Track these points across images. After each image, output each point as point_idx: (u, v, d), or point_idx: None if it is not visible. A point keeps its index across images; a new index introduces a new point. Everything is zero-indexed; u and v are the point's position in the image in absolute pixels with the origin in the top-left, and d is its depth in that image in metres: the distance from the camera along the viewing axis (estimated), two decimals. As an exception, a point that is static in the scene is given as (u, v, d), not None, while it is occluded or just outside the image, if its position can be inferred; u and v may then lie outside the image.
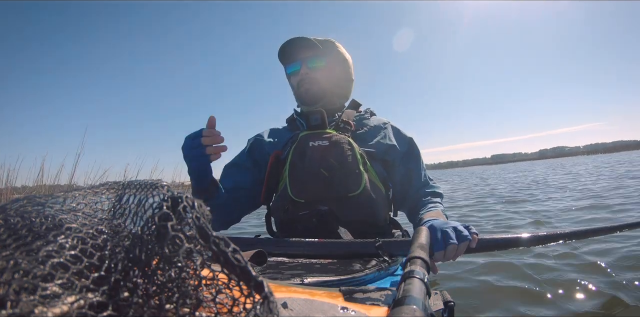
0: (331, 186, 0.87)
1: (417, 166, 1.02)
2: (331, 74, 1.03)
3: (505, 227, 2.78)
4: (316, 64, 1.01)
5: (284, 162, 0.93)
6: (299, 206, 0.89)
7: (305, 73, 1.01)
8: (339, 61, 1.05)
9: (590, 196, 4.15)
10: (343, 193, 0.87)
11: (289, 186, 0.89)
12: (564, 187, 5.66)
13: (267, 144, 1.06)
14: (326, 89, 1.02)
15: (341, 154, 0.88)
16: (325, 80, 1.02)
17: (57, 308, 0.17)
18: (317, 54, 1.01)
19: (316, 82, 1.01)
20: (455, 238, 0.67)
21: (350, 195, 0.87)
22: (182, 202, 0.23)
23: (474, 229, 0.71)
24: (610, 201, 3.58)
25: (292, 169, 0.90)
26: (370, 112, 1.09)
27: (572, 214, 3.04)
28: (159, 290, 0.21)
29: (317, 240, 0.76)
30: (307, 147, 0.90)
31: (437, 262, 0.69)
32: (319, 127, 0.93)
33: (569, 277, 1.50)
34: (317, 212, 0.86)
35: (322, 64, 1.02)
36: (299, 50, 1.01)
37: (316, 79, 1.01)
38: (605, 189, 4.68)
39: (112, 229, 0.25)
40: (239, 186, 1.02)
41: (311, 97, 1.02)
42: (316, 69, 1.01)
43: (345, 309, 0.34)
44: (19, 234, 0.21)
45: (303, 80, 1.02)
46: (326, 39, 1.03)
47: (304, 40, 0.99)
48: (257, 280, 0.22)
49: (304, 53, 1.01)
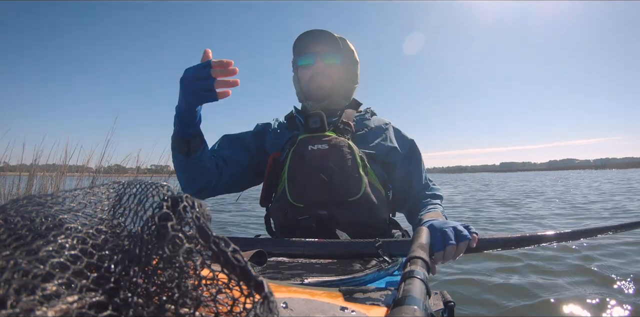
0: (331, 190, 0.86)
1: (417, 168, 1.01)
2: (343, 73, 1.01)
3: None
4: (332, 60, 0.99)
5: (283, 164, 0.92)
6: (298, 211, 0.88)
7: (321, 68, 0.98)
8: (352, 62, 1.04)
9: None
10: (343, 198, 0.86)
11: (287, 191, 0.88)
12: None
13: (269, 140, 1.04)
14: (335, 88, 1.00)
15: (341, 158, 0.87)
16: (337, 78, 1.00)
17: (57, 308, 0.17)
18: (335, 51, 0.99)
19: (329, 79, 0.99)
20: (455, 238, 0.67)
21: (350, 199, 0.86)
22: (182, 202, 0.23)
23: (473, 228, 0.70)
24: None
25: (290, 173, 0.89)
26: (371, 112, 1.07)
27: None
28: (159, 290, 0.21)
29: (317, 240, 0.76)
30: (305, 151, 0.88)
31: (437, 263, 0.69)
32: (318, 130, 0.90)
33: (569, 277, 1.50)
34: (316, 217, 0.85)
35: (337, 62, 1.00)
36: (316, 42, 0.99)
37: (330, 76, 0.99)
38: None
39: (112, 229, 0.25)
40: (237, 160, 0.99)
41: (321, 94, 1.00)
42: (331, 66, 0.99)
43: (345, 309, 0.34)
44: (19, 234, 0.21)
45: (317, 74, 0.99)
46: (342, 37, 1.01)
47: (325, 33, 0.97)
48: (257, 280, 0.22)
49: (321, 47, 0.99)
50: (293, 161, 0.89)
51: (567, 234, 0.76)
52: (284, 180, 0.90)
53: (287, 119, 1.08)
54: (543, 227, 2.93)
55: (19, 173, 3.87)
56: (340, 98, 1.04)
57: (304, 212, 0.87)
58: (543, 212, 3.94)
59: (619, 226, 0.82)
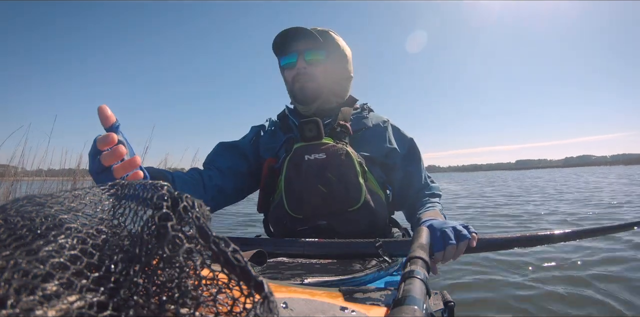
0: (330, 201, 0.83)
1: (417, 168, 0.99)
2: (330, 69, 0.94)
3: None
4: (314, 57, 0.92)
5: (279, 172, 0.88)
6: (297, 221, 0.86)
7: (302, 67, 0.92)
8: (339, 55, 0.96)
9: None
10: (343, 208, 0.84)
11: (285, 202, 0.85)
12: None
13: (263, 144, 1.00)
14: (324, 87, 0.94)
15: (339, 167, 0.83)
16: (323, 76, 0.93)
17: (57, 308, 0.17)
18: (316, 47, 0.92)
19: (314, 79, 0.92)
20: (455, 238, 0.67)
21: (350, 209, 0.84)
22: (182, 202, 0.23)
23: (472, 228, 0.70)
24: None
25: (287, 183, 0.85)
26: (368, 108, 1.02)
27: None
28: (159, 290, 0.21)
29: (317, 240, 0.76)
30: (302, 161, 0.85)
31: (437, 263, 0.69)
32: (314, 138, 0.86)
33: (570, 277, 1.50)
34: (316, 228, 0.84)
35: (320, 58, 0.93)
36: (295, 41, 0.92)
37: (314, 74, 0.92)
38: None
39: (112, 229, 0.25)
40: (236, 169, 0.96)
41: (307, 96, 0.94)
42: (314, 63, 0.92)
43: (345, 309, 0.34)
44: (19, 234, 0.21)
45: (299, 75, 0.93)
46: (324, 30, 0.94)
47: (301, 30, 0.90)
48: (257, 280, 0.22)
49: (301, 45, 0.92)
50: (289, 170, 0.86)
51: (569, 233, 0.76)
52: (281, 189, 0.87)
53: (279, 118, 1.04)
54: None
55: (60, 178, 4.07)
56: (333, 96, 0.99)
57: (303, 223, 0.86)
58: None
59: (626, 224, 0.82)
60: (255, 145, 1.01)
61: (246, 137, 1.04)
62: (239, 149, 1.00)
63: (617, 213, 3.52)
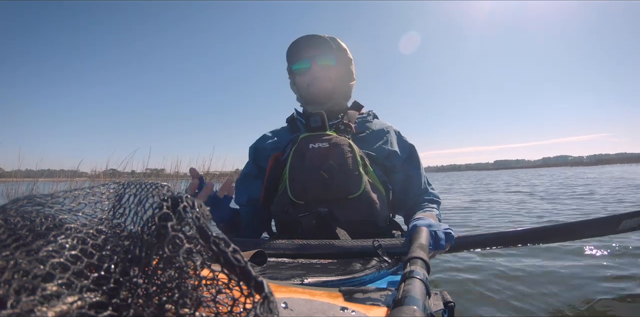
0: (331, 188, 0.86)
1: (417, 172, 1.02)
2: (340, 73, 1.03)
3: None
4: (327, 61, 1.00)
5: (284, 163, 0.93)
6: (298, 208, 0.89)
7: (317, 71, 1.00)
8: (346, 60, 1.04)
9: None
10: (343, 195, 0.87)
11: (288, 188, 0.89)
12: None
13: (268, 147, 1.05)
14: (335, 88, 1.02)
15: (341, 156, 0.87)
16: (335, 78, 1.01)
17: (57, 308, 0.17)
18: (329, 52, 1.00)
19: (328, 81, 1.00)
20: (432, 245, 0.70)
21: (350, 197, 0.86)
22: (182, 202, 0.23)
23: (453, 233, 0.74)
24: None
25: (291, 171, 0.90)
26: (373, 114, 1.08)
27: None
28: (159, 290, 0.21)
29: (317, 241, 0.76)
30: (307, 149, 0.89)
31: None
32: (319, 129, 0.92)
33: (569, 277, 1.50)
34: (316, 214, 0.86)
35: (332, 63, 1.01)
36: (309, 47, 1.00)
37: (328, 77, 1.00)
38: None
39: (112, 229, 0.25)
40: (253, 197, 1.02)
41: (323, 97, 1.01)
42: (327, 67, 1.00)
43: (345, 309, 0.34)
44: (19, 234, 0.21)
45: (316, 79, 1.00)
46: (332, 37, 1.02)
47: (314, 37, 0.98)
48: (257, 280, 0.22)
49: (314, 50, 1.00)
50: (294, 159, 0.90)
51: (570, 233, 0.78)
52: (285, 178, 0.91)
53: (288, 121, 1.09)
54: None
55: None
56: (342, 98, 1.05)
57: (304, 209, 0.88)
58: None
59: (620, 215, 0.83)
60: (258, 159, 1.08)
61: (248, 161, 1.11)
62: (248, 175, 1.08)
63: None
